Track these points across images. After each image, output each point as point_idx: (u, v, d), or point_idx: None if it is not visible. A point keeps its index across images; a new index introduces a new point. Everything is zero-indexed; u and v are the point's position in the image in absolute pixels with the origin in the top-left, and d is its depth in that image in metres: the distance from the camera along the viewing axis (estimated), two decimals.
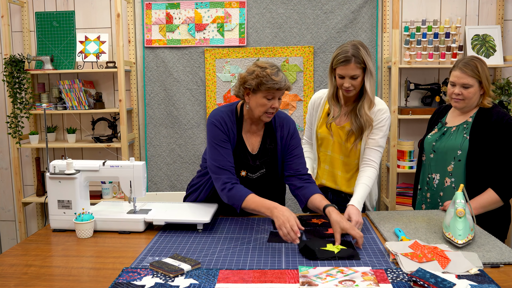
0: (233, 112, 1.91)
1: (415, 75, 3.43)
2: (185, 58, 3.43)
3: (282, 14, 3.37)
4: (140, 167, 1.86)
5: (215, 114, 1.88)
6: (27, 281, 1.38)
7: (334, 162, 2.11)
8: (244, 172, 1.92)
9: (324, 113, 2.12)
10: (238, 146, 1.90)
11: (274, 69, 1.78)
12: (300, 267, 1.40)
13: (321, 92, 2.19)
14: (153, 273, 1.39)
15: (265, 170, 1.95)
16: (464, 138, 2.01)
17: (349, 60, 1.89)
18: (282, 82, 1.77)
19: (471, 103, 2.02)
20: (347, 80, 1.92)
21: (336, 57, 1.93)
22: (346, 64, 1.90)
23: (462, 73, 1.98)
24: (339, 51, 1.93)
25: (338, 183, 2.12)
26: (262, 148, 1.94)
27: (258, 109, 1.81)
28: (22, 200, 3.45)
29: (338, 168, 2.11)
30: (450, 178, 2.04)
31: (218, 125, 1.85)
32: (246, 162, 1.92)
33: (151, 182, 3.55)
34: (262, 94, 1.78)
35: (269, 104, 1.80)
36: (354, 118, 2.01)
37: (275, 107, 1.82)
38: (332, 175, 2.13)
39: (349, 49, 1.91)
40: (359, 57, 1.90)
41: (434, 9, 3.41)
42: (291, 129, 1.97)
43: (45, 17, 3.47)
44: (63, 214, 1.82)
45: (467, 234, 1.56)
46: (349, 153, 2.06)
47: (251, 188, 1.82)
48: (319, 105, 2.15)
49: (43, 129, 3.61)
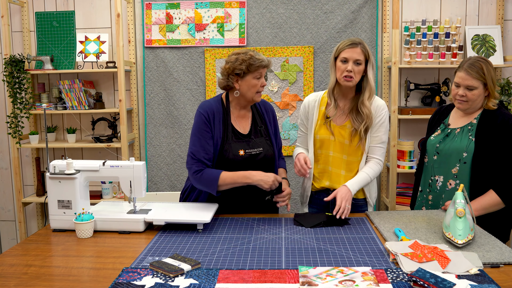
0: (219, 102, 2.05)
1: (415, 75, 3.43)
2: (185, 58, 3.43)
3: (282, 14, 3.37)
4: (140, 167, 1.86)
5: (204, 105, 2.03)
6: (27, 281, 1.38)
7: (337, 162, 2.09)
8: (242, 151, 2.00)
9: (320, 115, 2.12)
10: (229, 131, 2.01)
11: (252, 51, 1.99)
12: (300, 267, 1.41)
13: (313, 95, 2.19)
14: (153, 273, 1.40)
15: (262, 149, 2.04)
16: (470, 140, 1.98)
17: (356, 44, 1.97)
18: (266, 59, 1.97)
19: (475, 105, 2.00)
20: (351, 64, 1.96)
21: (342, 43, 2.00)
22: (353, 47, 1.96)
23: (467, 74, 1.95)
24: (345, 40, 2.02)
25: (342, 183, 2.04)
26: (253, 128, 2.07)
27: (251, 90, 1.97)
28: (22, 200, 3.45)
29: (342, 168, 2.09)
30: (454, 180, 2.02)
31: (204, 115, 1.99)
32: (240, 142, 2.02)
33: (151, 182, 3.55)
34: (251, 75, 1.95)
35: (259, 83, 1.97)
36: (356, 115, 2.03)
37: (264, 85, 2.00)
38: (336, 175, 2.10)
39: (355, 38, 2.01)
40: (364, 45, 1.99)
41: (434, 9, 3.41)
42: (273, 113, 2.18)
43: (45, 17, 3.47)
44: (63, 214, 1.82)
45: (467, 234, 1.56)
46: (353, 151, 2.07)
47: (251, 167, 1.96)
48: (314, 108, 2.14)
49: (43, 129, 3.61)
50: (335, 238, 1.70)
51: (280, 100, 3.42)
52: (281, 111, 3.43)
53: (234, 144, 2.00)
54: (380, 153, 2.08)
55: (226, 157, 1.97)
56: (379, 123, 2.06)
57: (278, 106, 3.42)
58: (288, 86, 3.41)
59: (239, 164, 1.98)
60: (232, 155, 1.97)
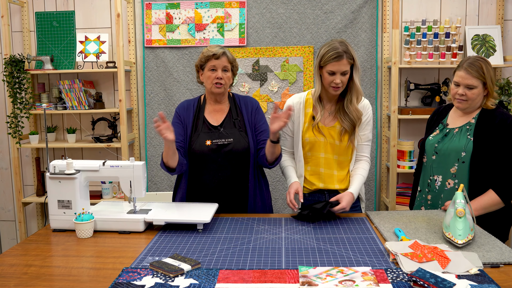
0: (196, 100, 2.19)
1: (415, 75, 3.43)
2: (185, 58, 3.43)
3: (282, 14, 3.37)
4: (140, 167, 1.86)
5: (180, 103, 2.20)
6: (27, 281, 1.38)
7: (329, 163, 2.10)
8: (209, 141, 2.05)
9: (307, 117, 2.11)
10: (199, 123, 2.10)
11: (213, 45, 2.09)
12: (300, 267, 1.40)
13: (296, 97, 2.16)
14: (153, 273, 1.40)
15: (232, 140, 2.06)
16: (468, 140, 1.99)
17: (341, 56, 1.93)
18: (218, 51, 2.02)
19: (474, 104, 2.01)
20: (338, 76, 1.95)
21: (327, 54, 1.95)
22: (339, 60, 1.93)
23: (467, 73, 1.96)
24: (328, 48, 1.96)
25: (336, 183, 2.12)
26: (226, 120, 2.12)
27: (208, 82, 2.07)
28: (22, 200, 3.45)
29: (334, 168, 2.11)
30: (453, 180, 2.02)
31: (177, 111, 2.15)
32: (209, 133, 2.08)
33: (151, 182, 3.55)
34: (206, 68, 2.05)
35: (213, 75, 2.04)
36: (343, 116, 2.05)
37: (219, 77, 2.04)
38: (328, 176, 2.11)
39: (338, 46, 1.95)
40: (349, 53, 1.95)
41: (434, 9, 3.41)
42: (254, 106, 2.18)
43: (45, 17, 3.47)
44: (63, 214, 1.82)
45: (467, 234, 1.56)
46: (344, 151, 2.10)
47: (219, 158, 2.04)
48: (299, 111, 2.12)
49: (43, 129, 3.61)
50: (335, 238, 1.70)
51: (280, 100, 3.42)
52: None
53: (203, 134, 2.07)
54: (368, 150, 2.15)
55: (193, 148, 2.05)
56: (366, 121, 2.10)
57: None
58: (288, 86, 3.41)
59: (206, 155, 2.04)
60: (198, 145, 2.05)
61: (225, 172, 2.06)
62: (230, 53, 2.08)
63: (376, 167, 3.47)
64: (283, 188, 3.44)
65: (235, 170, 2.07)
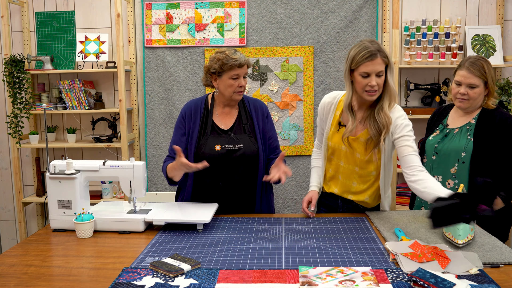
0: (203, 100, 2.09)
1: (415, 75, 3.43)
2: (185, 58, 3.43)
3: (282, 14, 3.37)
4: (140, 167, 1.86)
5: (186, 104, 2.10)
6: (27, 281, 1.38)
7: (349, 173, 1.99)
8: (218, 146, 2.00)
9: (335, 120, 1.98)
10: (208, 126, 2.03)
11: (231, 50, 1.97)
12: (300, 267, 1.41)
13: (330, 96, 2.02)
14: (153, 273, 1.40)
15: (242, 146, 2.01)
16: (468, 140, 1.99)
17: (375, 54, 1.76)
18: (241, 59, 1.94)
19: (475, 104, 2.01)
20: (373, 78, 1.78)
21: (359, 54, 1.78)
22: (373, 59, 1.76)
23: (469, 72, 1.96)
24: (359, 49, 1.80)
25: (352, 194, 2.00)
26: (236, 124, 2.05)
27: (228, 90, 1.97)
28: (22, 200, 3.45)
29: (353, 180, 1.98)
30: (453, 180, 2.03)
31: (182, 113, 2.07)
32: (219, 137, 2.02)
33: (151, 182, 3.55)
34: (227, 75, 1.94)
35: (236, 83, 1.96)
36: (373, 123, 1.85)
37: (242, 85, 1.97)
38: (345, 186, 2.01)
39: (370, 45, 1.79)
40: (383, 51, 1.79)
41: (434, 9, 3.41)
42: (264, 111, 2.12)
43: (45, 17, 3.47)
44: (63, 214, 1.82)
45: (467, 234, 1.56)
46: (365, 164, 1.94)
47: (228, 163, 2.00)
48: (329, 111, 2.00)
49: (43, 129, 3.61)
50: (335, 238, 1.70)
51: (280, 100, 3.42)
52: (281, 111, 3.43)
53: (211, 138, 2.01)
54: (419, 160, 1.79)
55: (202, 152, 2.00)
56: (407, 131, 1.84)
57: (278, 106, 3.42)
58: (288, 86, 3.41)
59: (216, 160, 1.99)
60: (208, 149, 1.99)
61: (233, 176, 2.03)
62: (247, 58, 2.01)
63: None
64: (282, 188, 3.44)
65: (244, 175, 2.04)
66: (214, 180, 2.04)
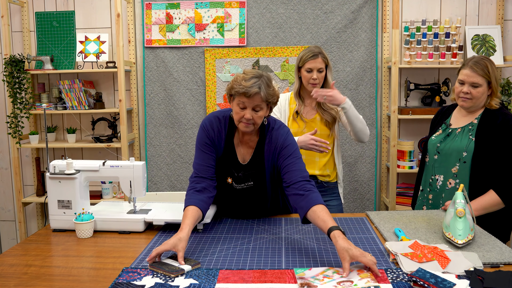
0: (227, 119, 1.83)
1: (415, 75, 3.43)
2: (185, 58, 3.43)
3: (282, 14, 3.37)
4: (140, 167, 1.86)
5: (208, 117, 1.85)
6: (27, 281, 1.38)
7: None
8: (230, 179, 1.87)
9: (291, 112, 2.40)
10: (227, 154, 1.83)
11: (250, 75, 1.69)
12: (296, 270, 1.40)
13: (282, 96, 2.41)
14: (153, 273, 1.40)
15: (253, 184, 1.87)
16: (470, 140, 1.99)
17: (317, 55, 2.28)
18: (251, 88, 1.64)
19: (478, 103, 2.01)
20: (315, 73, 2.28)
21: (305, 55, 2.30)
22: (315, 58, 2.27)
23: (473, 71, 1.96)
24: (305, 51, 2.31)
25: (316, 168, 2.37)
26: (252, 159, 1.84)
27: (235, 116, 1.74)
28: (22, 200, 3.45)
29: (316, 155, 2.36)
30: (454, 180, 2.03)
31: (206, 128, 1.81)
32: (232, 171, 1.86)
33: (151, 182, 3.55)
34: (235, 101, 1.71)
35: (241, 113, 1.70)
36: (323, 111, 2.36)
37: (248, 118, 1.69)
38: (311, 162, 2.36)
39: (314, 48, 2.31)
40: (324, 54, 2.31)
41: (434, 9, 3.41)
42: (279, 142, 1.80)
43: (45, 17, 3.47)
44: (63, 214, 1.82)
45: (467, 234, 1.56)
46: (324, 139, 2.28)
47: (235, 197, 1.90)
48: (285, 105, 2.42)
49: (43, 129, 3.61)
50: None
51: None
52: None
53: (226, 168, 1.86)
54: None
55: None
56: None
57: None
58: (288, 86, 3.41)
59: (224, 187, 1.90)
60: (219, 177, 1.87)
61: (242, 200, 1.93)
62: (268, 87, 1.69)
63: (376, 167, 3.47)
64: None
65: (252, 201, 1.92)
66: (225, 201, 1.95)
